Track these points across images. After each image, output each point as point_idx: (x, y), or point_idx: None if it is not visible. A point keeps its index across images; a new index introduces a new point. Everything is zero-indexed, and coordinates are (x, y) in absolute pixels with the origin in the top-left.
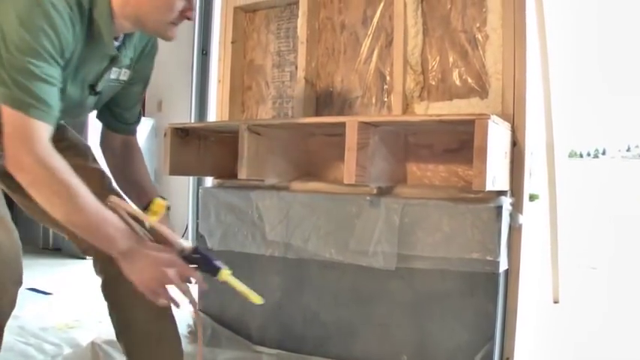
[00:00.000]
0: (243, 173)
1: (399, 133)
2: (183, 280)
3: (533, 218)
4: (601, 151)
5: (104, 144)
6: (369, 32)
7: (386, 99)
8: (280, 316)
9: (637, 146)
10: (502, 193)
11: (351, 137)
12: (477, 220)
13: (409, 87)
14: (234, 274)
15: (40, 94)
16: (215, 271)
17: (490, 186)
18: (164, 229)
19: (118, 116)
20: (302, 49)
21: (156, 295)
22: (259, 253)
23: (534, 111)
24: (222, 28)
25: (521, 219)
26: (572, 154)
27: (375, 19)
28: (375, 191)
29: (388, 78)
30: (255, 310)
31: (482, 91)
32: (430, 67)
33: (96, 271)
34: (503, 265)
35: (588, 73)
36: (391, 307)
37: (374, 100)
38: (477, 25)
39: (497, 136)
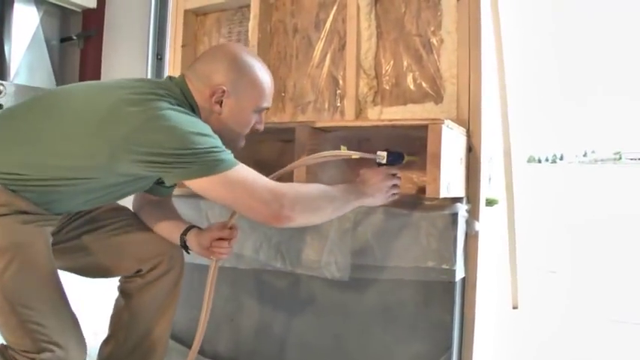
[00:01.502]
0: None
1: (352, 139)
2: (394, 176)
3: (491, 223)
4: (559, 156)
5: (139, 205)
6: (321, 36)
7: (339, 104)
8: (232, 329)
9: (593, 152)
10: (458, 199)
11: (302, 141)
12: (432, 227)
13: (362, 91)
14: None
15: (216, 142)
16: (402, 158)
17: (444, 193)
18: (361, 154)
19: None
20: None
21: (394, 195)
22: (209, 264)
23: (491, 116)
24: (172, 31)
25: (478, 226)
26: (530, 159)
27: (328, 23)
28: None
29: (341, 82)
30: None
31: (437, 96)
32: (384, 72)
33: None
34: (460, 274)
35: (546, 78)
36: (345, 319)
37: (327, 105)
38: (432, 28)
39: (452, 141)
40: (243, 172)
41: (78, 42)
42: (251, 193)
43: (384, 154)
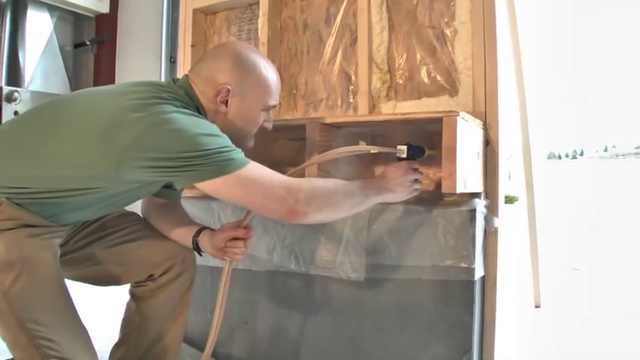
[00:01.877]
0: None
1: (365, 134)
2: (416, 171)
3: (511, 220)
4: (579, 152)
5: (147, 210)
6: (332, 31)
7: (352, 100)
8: (246, 332)
9: (614, 146)
10: (476, 195)
11: (313, 140)
12: (450, 224)
13: (375, 86)
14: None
15: (225, 142)
16: (422, 152)
17: (461, 188)
18: (380, 148)
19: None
20: (263, 51)
21: (416, 190)
22: (222, 266)
23: (509, 110)
24: (181, 31)
25: (497, 222)
26: (550, 156)
27: (339, 17)
28: None
29: (353, 78)
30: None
31: (451, 89)
32: (397, 65)
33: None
34: (479, 272)
35: (564, 73)
36: (361, 320)
37: (339, 102)
38: (445, 19)
39: (468, 134)
40: (256, 169)
41: (91, 47)
42: (265, 191)
43: (405, 147)
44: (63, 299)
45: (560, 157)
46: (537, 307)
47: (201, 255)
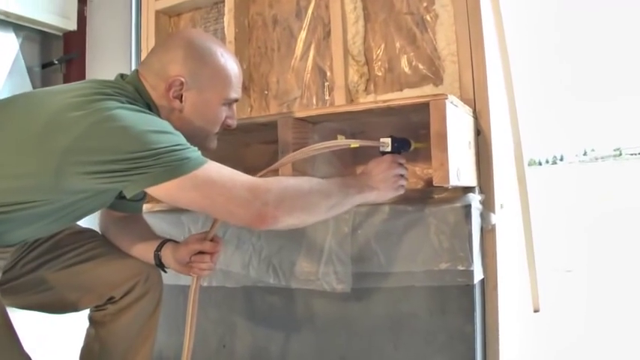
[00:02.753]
0: None
1: (344, 130)
2: (401, 165)
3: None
4: (559, 157)
5: (105, 225)
6: (304, 25)
7: (328, 97)
8: (224, 355)
9: (593, 150)
10: (469, 190)
11: (285, 138)
12: (443, 223)
13: (352, 80)
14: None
15: (179, 140)
16: (408, 145)
17: (454, 180)
18: (362, 141)
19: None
20: (231, 49)
21: (402, 187)
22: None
23: (499, 100)
24: (143, 35)
25: (494, 219)
26: (531, 163)
27: (310, 10)
28: None
29: (328, 73)
30: (196, 348)
31: (435, 77)
32: (375, 57)
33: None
34: (478, 275)
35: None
36: (351, 336)
37: (314, 100)
38: (424, 4)
39: (458, 121)
40: (216, 168)
41: (60, 66)
42: (227, 193)
43: (388, 140)
44: (4, 331)
45: (540, 164)
46: (536, 311)
47: (164, 271)
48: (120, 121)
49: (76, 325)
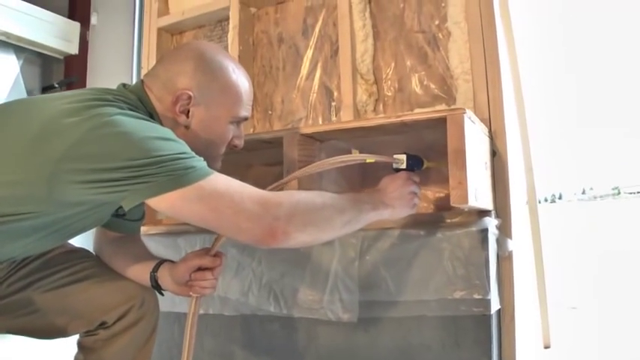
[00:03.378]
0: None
1: (351, 150)
2: (415, 183)
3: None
4: (558, 195)
5: (99, 245)
6: (310, 43)
7: (335, 117)
8: None
9: (591, 188)
10: (485, 213)
11: (291, 155)
12: (458, 249)
13: (361, 99)
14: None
15: (183, 148)
16: (421, 163)
17: (472, 200)
18: (377, 157)
19: (123, 215)
20: None
21: (416, 205)
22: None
23: (512, 124)
24: (144, 52)
25: (511, 245)
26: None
27: (317, 28)
28: None
29: (335, 93)
30: None
31: (448, 97)
32: (384, 76)
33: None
34: (495, 305)
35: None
36: None
37: (320, 121)
38: (436, 22)
39: (475, 138)
40: (223, 180)
41: (60, 89)
42: (235, 207)
43: (403, 157)
44: None
45: (539, 202)
46: (547, 347)
47: (161, 294)
48: (119, 126)
49: (63, 351)
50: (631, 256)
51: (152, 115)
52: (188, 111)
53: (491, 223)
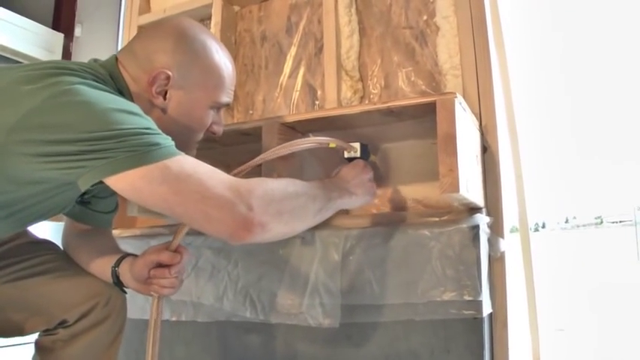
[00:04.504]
0: (132, 208)
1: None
2: (370, 171)
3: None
4: (541, 224)
5: (67, 238)
6: (294, 41)
7: None
8: None
9: (574, 218)
10: (476, 211)
11: (270, 145)
12: (447, 247)
13: (345, 96)
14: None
15: (148, 124)
16: (368, 154)
17: (464, 190)
18: (340, 142)
19: (92, 205)
20: None
21: (375, 192)
22: (162, 318)
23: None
24: None
25: (503, 245)
26: (513, 230)
27: (302, 25)
28: None
29: (319, 91)
30: None
31: (436, 93)
32: (370, 73)
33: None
34: (487, 308)
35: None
36: None
37: None
38: (424, 17)
39: (466, 127)
40: (191, 161)
41: None
42: (205, 191)
43: (357, 145)
44: None
45: None
46: None
47: (124, 292)
48: (79, 96)
49: (20, 351)
50: (613, 285)
51: (122, 92)
52: (166, 92)
53: (483, 220)
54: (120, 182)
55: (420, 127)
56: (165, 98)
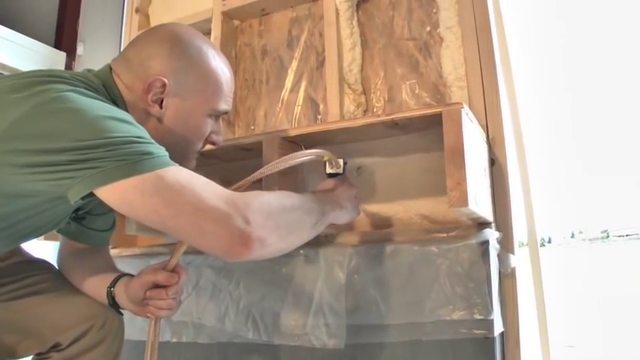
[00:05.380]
0: (131, 227)
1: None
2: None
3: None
4: (547, 239)
5: (62, 257)
6: (295, 55)
7: None
8: None
9: (581, 232)
10: (485, 226)
11: (271, 160)
12: (456, 264)
13: (348, 110)
14: None
15: (141, 132)
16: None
17: (473, 204)
18: (331, 155)
19: (87, 222)
20: None
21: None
22: (162, 340)
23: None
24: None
25: (514, 261)
26: (520, 245)
27: (303, 38)
28: (311, 242)
29: (321, 105)
30: None
31: (442, 104)
32: (373, 85)
33: None
34: (499, 327)
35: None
36: None
37: None
38: (428, 29)
39: (474, 139)
40: (186, 172)
41: None
42: (199, 203)
43: (341, 161)
44: None
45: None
46: None
47: (120, 313)
48: (69, 103)
49: None
50: (621, 298)
51: (116, 102)
52: (162, 101)
53: (492, 235)
54: (111, 194)
55: (425, 140)
56: (161, 107)
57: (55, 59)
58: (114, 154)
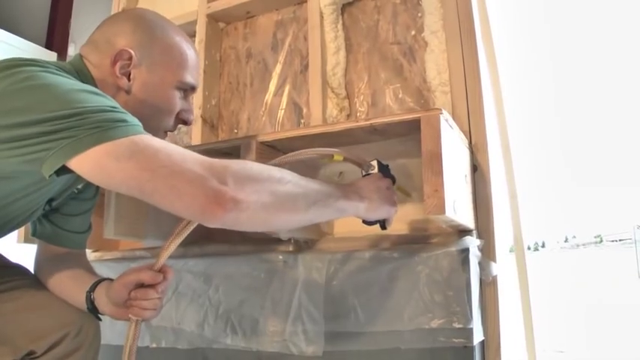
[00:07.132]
0: (109, 230)
1: (318, 164)
2: (388, 182)
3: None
4: (540, 243)
5: (38, 262)
6: (279, 58)
7: None
8: None
9: (574, 237)
10: (465, 233)
11: None
12: (436, 272)
13: (331, 114)
14: None
15: (112, 103)
16: (394, 180)
17: (451, 212)
18: (350, 155)
19: (63, 224)
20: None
21: (396, 203)
22: (141, 345)
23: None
24: None
25: (495, 269)
26: (512, 249)
27: (287, 42)
28: (290, 248)
29: (305, 109)
30: None
31: (421, 110)
32: (357, 90)
33: None
34: (478, 336)
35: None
36: None
37: None
38: (412, 33)
39: (453, 145)
40: (159, 140)
41: None
42: (174, 165)
43: (375, 162)
44: None
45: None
46: None
47: (99, 319)
48: (40, 80)
49: None
50: (613, 304)
51: (88, 82)
52: (129, 74)
53: (473, 242)
54: (85, 163)
55: (407, 146)
56: (129, 79)
57: (46, 59)
58: (87, 122)
